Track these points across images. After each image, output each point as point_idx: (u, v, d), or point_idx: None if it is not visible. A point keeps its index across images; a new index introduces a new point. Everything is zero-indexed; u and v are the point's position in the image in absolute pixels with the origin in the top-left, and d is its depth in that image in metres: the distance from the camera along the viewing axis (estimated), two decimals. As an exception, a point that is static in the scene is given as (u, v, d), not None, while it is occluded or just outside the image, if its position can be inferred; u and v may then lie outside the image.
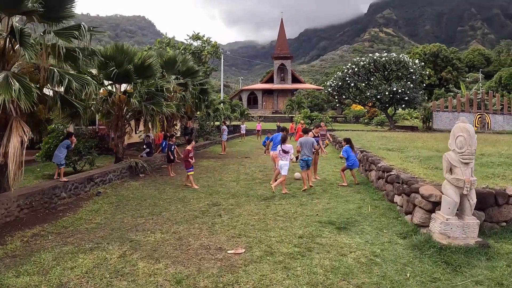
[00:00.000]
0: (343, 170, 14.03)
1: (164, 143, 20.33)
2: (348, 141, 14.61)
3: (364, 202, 10.99)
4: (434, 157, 13.58)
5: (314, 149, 13.65)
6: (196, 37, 55.27)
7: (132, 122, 21.88)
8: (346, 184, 13.51)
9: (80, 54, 11.05)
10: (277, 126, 38.85)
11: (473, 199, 7.59)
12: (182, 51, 48.53)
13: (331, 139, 25.11)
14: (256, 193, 12.16)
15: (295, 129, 34.22)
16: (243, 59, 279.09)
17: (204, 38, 54.94)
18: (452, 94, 59.46)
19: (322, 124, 23.06)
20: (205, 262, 6.71)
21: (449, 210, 7.55)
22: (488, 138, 26.08)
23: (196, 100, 23.59)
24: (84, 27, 10.78)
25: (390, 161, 13.05)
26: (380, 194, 11.74)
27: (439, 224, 7.61)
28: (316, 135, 16.17)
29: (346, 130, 42.22)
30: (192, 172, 13.60)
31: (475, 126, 46.83)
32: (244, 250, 7.24)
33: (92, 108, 15.72)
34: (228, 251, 7.19)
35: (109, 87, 16.58)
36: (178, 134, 27.43)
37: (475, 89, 54.83)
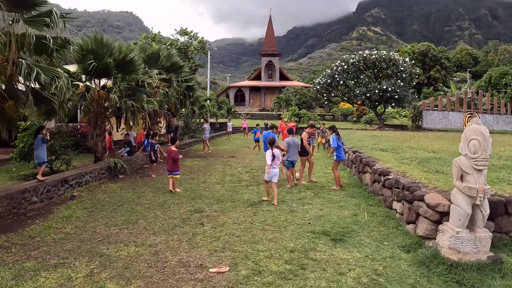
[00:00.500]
0: (335, 168, 13.09)
1: (146, 141, 19.36)
2: (333, 128, 13.71)
3: (360, 208, 10.14)
4: (431, 159, 12.79)
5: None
6: (183, 32, 54.16)
7: (114, 120, 20.93)
8: (338, 188, 12.70)
9: (51, 41, 9.99)
10: (264, 124, 37.96)
11: (487, 210, 6.76)
12: (168, 46, 47.45)
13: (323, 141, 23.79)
14: (243, 198, 11.24)
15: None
16: (231, 56, 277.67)
17: (191, 34, 53.81)
18: (442, 93, 59.09)
19: (311, 122, 22.19)
20: (183, 284, 5.80)
21: (459, 222, 6.71)
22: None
23: (181, 97, 22.57)
24: (55, 13, 9.82)
25: (385, 163, 12.24)
26: (376, 199, 10.91)
27: (448, 238, 6.77)
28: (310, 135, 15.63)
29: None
30: (178, 176, 12.60)
31: (465, 126, 46.45)
32: (228, 268, 6.33)
33: (69, 104, 14.76)
34: (210, 270, 6.27)
35: (88, 83, 15.55)
36: (163, 132, 26.40)
37: (465, 88, 54.46)
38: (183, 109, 24.17)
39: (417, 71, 48.10)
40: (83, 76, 15.17)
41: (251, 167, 17.31)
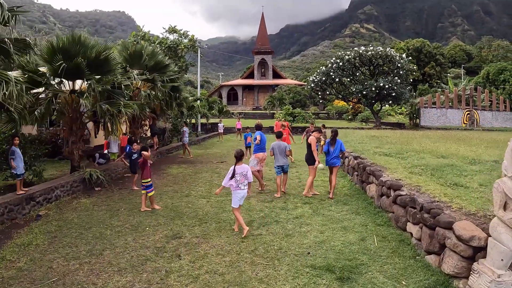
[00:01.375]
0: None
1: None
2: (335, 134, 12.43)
3: (367, 229, 8.63)
4: (444, 167, 11.28)
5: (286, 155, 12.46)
6: (172, 30, 52.44)
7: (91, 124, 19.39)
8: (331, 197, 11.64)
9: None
10: (256, 125, 36.44)
11: (538, 247, 5.26)
12: (157, 45, 45.78)
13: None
14: (230, 217, 9.64)
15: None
16: (223, 54, 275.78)
17: (181, 32, 52.06)
18: (439, 90, 57.81)
19: (311, 126, 20.73)
20: None
21: (501, 263, 5.22)
22: (484, 137, 24.09)
23: (167, 98, 20.97)
24: (1, 4, 8.20)
25: (393, 172, 10.74)
26: (385, 217, 9.40)
27: (486, 282, 5.27)
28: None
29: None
30: (152, 193, 10.76)
31: (464, 123, 45.32)
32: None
33: (37, 111, 13.25)
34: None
35: (61, 85, 13.96)
36: (149, 134, 24.83)
37: (464, 85, 53.18)
38: (170, 111, 22.54)
39: (414, 67, 46.65)
40: (53, 78, 13.56)
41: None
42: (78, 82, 14.38)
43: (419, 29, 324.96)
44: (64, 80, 13.90)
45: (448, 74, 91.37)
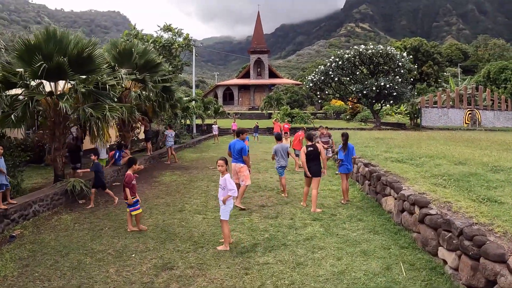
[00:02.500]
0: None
1: (117, 153, 16.50)
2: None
3: (390, 254, 7.36)
4: (467, 176, 10.03)
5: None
6: (167, 28, 51.15)
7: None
8: (344, 202, 11.27)
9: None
10: (255, 126, 35.24)
11: None
12: (151, 44, 44.45)
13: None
14: (230, 238, 8.37)
15: (280, 129, 30.66)
16: (219, 54, 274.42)
17: (176, 30, 50.76)
18: (440, 89, 56.74)
19: (321, 129, 19.02)
20: None
21: None
22: (490, 138, 23.00)
23: (160, 99, 19.64)
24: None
25: (413, 183, 9.51)
26: (409, 237, 8.14)
27: None
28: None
29: (331, 128, 38.76)
30: (138, 211, 9.15)
31: (465, 123, 44.29)
32: None
33: (14, 115, 11.89)
34: None
35: (45, 86, 12.66)
36: (141, 137, 23.49)
37: (465, 84, 52.12)
38: (163, 113, 21.20)
39: (415, 66, 45.53)
40: (31, 80, 12.23)
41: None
42: (61, 83, 13.11)
43: (415, 28, 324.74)
44: (44, 81, 12.67)
45: (445, 73, 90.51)
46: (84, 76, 12.78)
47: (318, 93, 44.88)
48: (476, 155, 14.29)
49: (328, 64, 42.31)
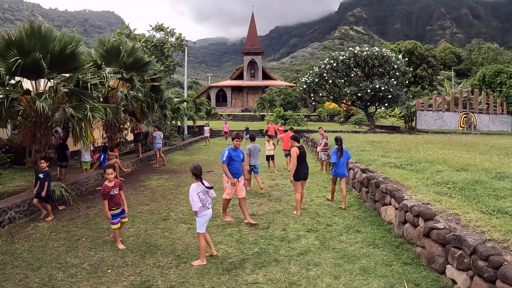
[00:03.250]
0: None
1: (102, 156, 15.72)
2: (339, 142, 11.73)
3: (393, 271, 6.65)
4: (471, 184, 9.34)
5: None
6: (159, 28, 50.37)
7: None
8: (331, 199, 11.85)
9: None
10: (245, 128, 34.57)
11: None
12: (142, 43, 43.64)
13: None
14: (216, 252, 7.64)
15: (275, 131, 30.15)
16: (213, 55, 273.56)
17: (168, 30, 49.99)
18: (436, 92, 56.28)
19: (321, 131, 18.76)
20: None
21: None
22: (487, 142, 22.46)
23: (148, 100, 18.86)
24: None
25: (415, 191, 8.84)
26: (412, 252, 7.45)
27: None
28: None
29: (326, 131, 38.12)
30: (117, 226, 8.08)
31: (461, 127, 43.89)
32: None
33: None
34: None
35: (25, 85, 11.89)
36: (129, 139, 22.67)
37: (461, 87, 51.67)
38: (152, 114, 20.40)
39: (411, 69, 44.99)
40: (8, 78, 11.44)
41: (231, 188, 13.74)
42: (43, 82, 12.35)
43: (409, 32, 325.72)
44: (25, 80, 11.93)
45: (439, 77, 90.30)
46: (67, 75, 12.07)
47: (312, 95, 44.23)
48: (477, 160, 13.67)
49: (323, 66, 41.66)
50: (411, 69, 46.05)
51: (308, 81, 42.05)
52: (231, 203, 11.08)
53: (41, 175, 10.42)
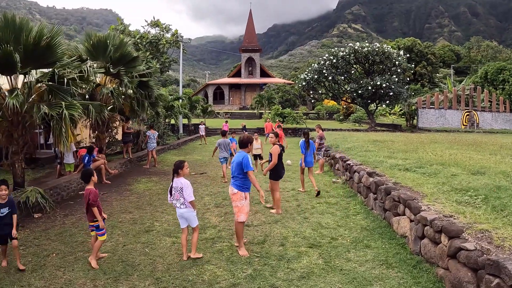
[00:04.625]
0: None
1: (87, 157, 14.56)
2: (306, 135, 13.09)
3: (414, 300, 5.56)
4: (495, 190, 8.21)
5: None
6: (154, 23, 49.26)
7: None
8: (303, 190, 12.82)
9: None
10: (242, 126, 33.57)
11: None
12: (138, 39, 42.64)
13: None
14: (202, 275, 6.43)
15: (273, 129, 29.09)
16: (211, 53, 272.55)
17: (163, 26, 48.89)
18: (437, 89, 55.28)
19: (318, 129, 18.02)
20: None
21: None
22: (494, 141, 21.36)
23: (138, 97, 17.70)
24: None
25: (432, 200, 7.73)
26: (432, 273, 6.32)
27: None
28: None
29: (324, 129, 37.09)
30: (104, 237, 7.06)
31: (463, 125, 42.89)
32: None
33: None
34: None
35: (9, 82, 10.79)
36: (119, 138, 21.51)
37: (463, 84, 50.63)
38: (143, 112, 19.21)
39: (412, 65, 43.89)
40: None
41: (223, 194, 12.51)
42: (21, 78, 11.23)
43: (407, 30, 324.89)
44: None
45: (437, 74, 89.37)
46: (46, 70, 10.97)
47: (311, 92, 43.16)
48: (491, 162, 12.55)
49: (322, 62, 40.56)
50: (413, 65, 44.92)
51: (308, 78, 40.95)
52: (222, 210, 10.01)
53: (2, 210, 6.97)
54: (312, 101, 56.04)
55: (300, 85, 43.18)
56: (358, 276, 6.32)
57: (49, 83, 10.61)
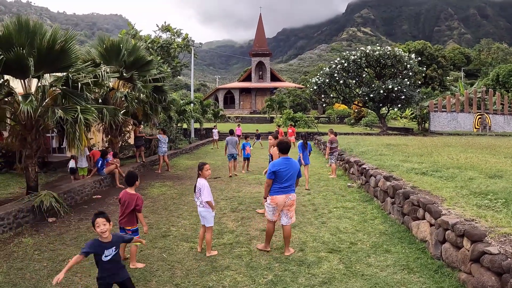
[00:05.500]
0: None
1: (100, 161, 14.62)
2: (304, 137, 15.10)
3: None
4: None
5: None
6: (165, 28, 49.47)
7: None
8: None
9: None
10: (256, 133, 33.58)
11: None
12: (149, 44, 42.77)
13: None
14: (222, 280, 6.38)
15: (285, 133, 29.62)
16: (220, 58, 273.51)
17: (174, 30, 49.07)
18: (447, 92, 54.87)
19: (330, 133, 18.03)
20: None
21: None
22: (508, 144, 21.14)
23: (151, 101, 17.74)
24: None
25: (451, 203, 7.63)
26: (454, 278, 6.17)
27: None
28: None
29: (338, 133, 36.89)
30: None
31: (475, 128, 42.44)
32: None
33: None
34: None
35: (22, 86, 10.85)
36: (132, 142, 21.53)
37: (475, 87, 50.22)
38: (155, 116, 19.23)
39: (424, 68, 43.60)
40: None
41: (238, 198, 12.48)
42: (34, 82, 11.28)
43: (416, 33, 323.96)
44: (14, 79, 10.90)
45: (447, 77, 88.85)
46: (59, 74, 11.01)
47: (322, 96, 43.04)
48: (507, 165, 12.46)
49: (334, 66, 40.45)
50: (424, 68, 44.61)
51: (319, 82, 40.85)
52: (239, 215, 9.97)
53: (107, 253, 5.13)
54: (323, 105, 55.84)
55: (311, 89, 43.07)
56: (380, 282, 6.23)
57: (63, 87, 10.62)
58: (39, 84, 10.71)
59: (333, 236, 8.44)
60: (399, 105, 39.52)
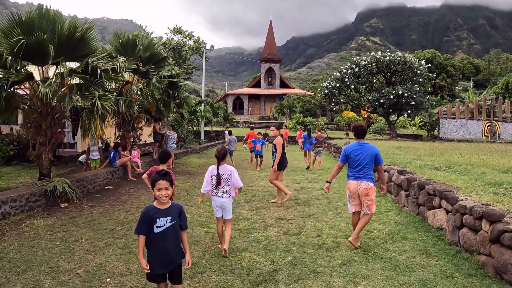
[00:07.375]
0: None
1: (112, 153, 14.73)
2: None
3: (457, 285, 5.45)
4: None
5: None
6: (177, 30, 49.72)
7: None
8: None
9: None
10: (264, 134, 33.69)
11: None
12: (161, 46, 43.02)
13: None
14: (240, 261, 6.41)
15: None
16: (229, 65, 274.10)
17: (186, 33, 49.32)
18: (456, 100, 54.72)
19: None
20: None
21: None
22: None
23: (164, 97, 17.86)
24: None
25: (467, 191, 7.62)
26: (473, 261, 6.17)
27: None
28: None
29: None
30: None
31: (484, 135, 42.28)
32: None
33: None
34: None
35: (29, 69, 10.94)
36: (144, 139, 21.63)
37: (484, 95, 50.06)
38: (168, 113, 19.32)
39: (434, 75, 43.57)
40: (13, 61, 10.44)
41: (252, 191, 12.56)
42: (52, 70, 11.42)
43: (425, 43, 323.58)
44: (32, 66, 11.03)
45: (456, 87, 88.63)
46: (63, 59, 11.14)
47: (332, 100, 43.10)
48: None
49: (344, 71, 40.52)
50: (434, 75, 44.57)
51: (330, 86, 40.90)
52: (253, 205, 10.00)
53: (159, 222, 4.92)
54: (332, 112, 55.86)
55: (322, 93, 43.11)
56: (399, 264, 6.23)
57: (82, 75, 10.73)
58: (57, 71, 10.85)
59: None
60: (409, 111, 39.47)
